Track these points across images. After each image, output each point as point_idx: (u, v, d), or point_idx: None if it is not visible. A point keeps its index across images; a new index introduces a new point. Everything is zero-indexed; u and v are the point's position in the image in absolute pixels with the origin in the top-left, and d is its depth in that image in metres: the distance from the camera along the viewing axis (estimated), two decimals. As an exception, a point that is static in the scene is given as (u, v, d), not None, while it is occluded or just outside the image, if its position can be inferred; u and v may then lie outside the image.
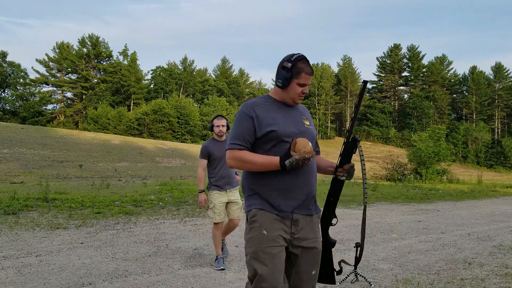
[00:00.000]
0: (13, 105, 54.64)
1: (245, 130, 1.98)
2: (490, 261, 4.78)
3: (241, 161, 1.96)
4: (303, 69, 2.00)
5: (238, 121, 2.02)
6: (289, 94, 2.04)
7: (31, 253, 4.59)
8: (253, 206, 1.98)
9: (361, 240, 2.31)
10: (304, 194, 2.00)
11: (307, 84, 2.03)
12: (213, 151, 4.26)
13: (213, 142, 4.33)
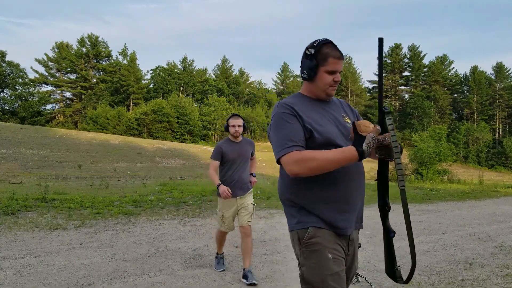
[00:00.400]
0: (12, 105, 54.61)
1: (294, 129, 1.64)
2: (491, 262, 4.76)
3: (307, 161, 1.56)
4: (330, 54, 1.70)
5: (279, 123, 1.67)
6: (319, 86, 1.74)
7: (30, 253, 4.57)
8: (310, 224, 1.65)
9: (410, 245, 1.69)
10: (357, 205, 1.72)
11: (337, 70, 1.72)
12: (227, 152, 3.96)
13: (227, 143, 4.03)
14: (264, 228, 6.55)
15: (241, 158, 3.98)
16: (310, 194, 1.67)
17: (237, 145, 4.02)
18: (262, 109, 64.49)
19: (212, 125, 56.22)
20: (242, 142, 4.06)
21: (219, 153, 3.98)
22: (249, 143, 4.15)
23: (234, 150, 3.97)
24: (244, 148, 4.03)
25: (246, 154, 4.03)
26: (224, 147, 3.99)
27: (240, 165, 3.97)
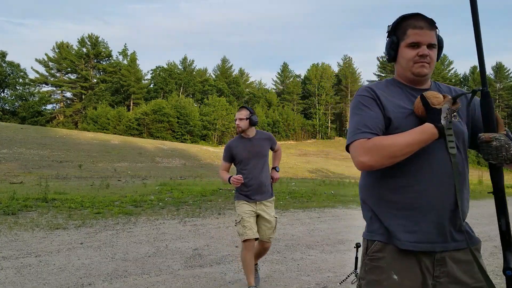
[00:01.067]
0: (12, 105, 54.64)
1: (371, 115, 1.39)
2: (491, 262, 4.77)
3: (377, 150, 1.29)
4: (409, 24, 1.42)
5: (355, 107, 1.44)
6: (402, 65, 1.45)
7: (30, 253, 4.57)
8: (376, 238, 1.40)
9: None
10: (444, 214, 1.33)
11: (421, 42, 1.39)
12: (237, 152, 3.45)
13: (237, 141, 3.51)
14: (264, 228, 6.55)
15: (255, 157, 3.41)
16: (380, 196, 1.40)
17: (248, 142, 3.44)
18: (262, 109, 64.51)
19: (212, 125, 56.25)
20: (255, 138, 3.47)
21: (228, 154, 3.49)
22: (266, 137, 3.54)
23: (245, 148, 3.42)
24: (258, 144, 3.45)
25: (261, 152, 3.44)
26: (233, 146, 3.47)
27: (256, 165, 3.41)
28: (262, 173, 3.43)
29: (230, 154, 3.49)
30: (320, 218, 7.90)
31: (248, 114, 3.41)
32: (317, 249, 5.20)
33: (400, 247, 1.34)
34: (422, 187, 1.33)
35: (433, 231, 1.33)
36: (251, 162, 3.40)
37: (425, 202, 1.33)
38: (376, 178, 1.42)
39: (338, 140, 67.94)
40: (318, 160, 41.18)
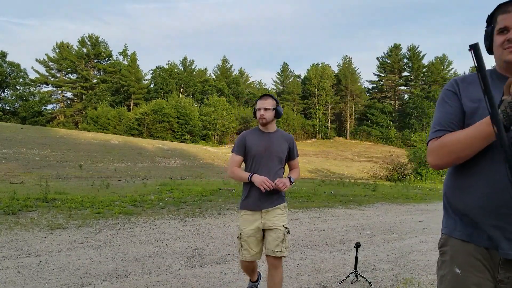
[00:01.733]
0: (13, 105, 54.62)
1: (447, 110, 1.34)
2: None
3: (438, 149, 1.29)
4: (500, 10, 1.32)
5: (437, 103, 1.41)
6: (495, 55, 1.35)
7: (31, 253, 4.58)
8: (444, 230, 1.40)
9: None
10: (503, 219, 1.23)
11: (510, 26, 1.28)
12: (252, 144, 2.90)
13: (254, 133, 2.98)
14: (264, 228, 6.56)
15: (269, 154, 2.89)
16: (454, 191, 1.36)
17: (266, 137, 2.93)
18: (262, 109, 64.43)
19: (212, 125, 56.25)
20: (275, 134, 2.97)
21: (241, 145, 2.93)
22: (286, 137, 3.00)
23: (262, 143, 2.90)
24: (277, 142, 2.93)
25: (278, 150, 2.91)
26: (249, 138, 2.94)
27: (270, 166, 2.87)
28: (273, 176, 2.84)
29: (243, 144, 2.91)
30: (320, 218, 7.90)
31: (274, 104, 2.91)
32: (317, 249, 5.20)
33: (472, 242, 1.29)
34: (483, 189, 1.25)
35: (495, 233, 1.24)
36: (265, 161, 2.86)
37: (485, 204, 1.25)
38: (448, 175, 1.42)
39: (338, 140, 67.93)
40: (318, 160, 41.18)
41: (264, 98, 2.93)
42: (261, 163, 2.86)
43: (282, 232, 2.80)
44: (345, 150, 56.47)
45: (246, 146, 2.91)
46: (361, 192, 13.67)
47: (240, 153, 2.92)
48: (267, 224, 2.82)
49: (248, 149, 2.90)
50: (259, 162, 2.87)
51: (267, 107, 2.87)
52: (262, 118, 2.87)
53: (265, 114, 2.87)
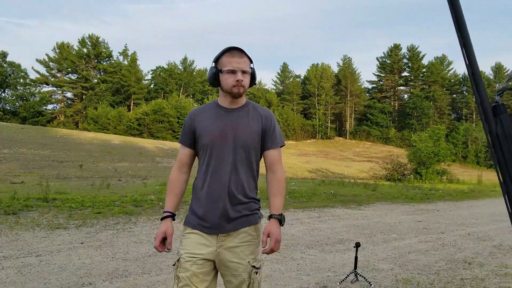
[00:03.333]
0: (13, 105, 54.64)
1: None
2: (490, 261, 4.78)
3: None
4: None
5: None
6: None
7: (31, 253, 4.59)
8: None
9: None
10: None
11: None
12: (203, 128, 1.86)
13: (209, 110, 1.92)
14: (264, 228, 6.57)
15: (230, 143, 1.82)
16: None
17: (228, 115, 1.87)
18: (262, 109, 64.47)
19: (212, 125, 56.23)
20: (244, 110, 1.89)
21: (189, 131, 1.91)
22: (261, 113, 1.91)
23: (218, 124, 1.85)
24: (243, 120, 1.87)
25: (245, 135, 1.84)
26: (199, 118, 1.90)
27: (229, 159, 1.81)
28: (238, 176, 1.81)
29: (192, 130, 1.89)
30: (320, 218, 7.91)
31: (251, 65, 1.89)
32: (317, 249, 5.21)
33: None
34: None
35: None
36: (222, 155, 1.81)
37: None
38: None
39: (338, 140, 67.93)
40: (318, 160, 41.18)
41: (238, 55, 1.82)
42: (217, 159, 1.80)
43: (247, 275, 1.76)
44: (345, 150, 56.49)
45: (195, 131, 1.87)
46: (361, 192, 13.68)
47: (188, 143, 1.90)
48: (223, 258, 1.77)
49: (198, 136, 1.86)
50: (213, 156, 1.81)
51: (245, 69, 1.81)
52: (239, 87, 1.80)
53: (245, 80, 1.82)
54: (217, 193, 1.80)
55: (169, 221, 1.91)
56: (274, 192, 1.86)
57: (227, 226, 1.80)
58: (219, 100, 1.92)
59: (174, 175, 1.94)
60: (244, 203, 1.83)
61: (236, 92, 1.82)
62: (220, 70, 1.83)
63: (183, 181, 1.95)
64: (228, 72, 1.81)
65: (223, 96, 1.89)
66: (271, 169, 1.90)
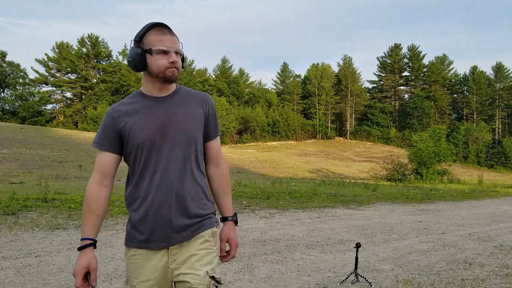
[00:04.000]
0: (12, 105, 54.65)
1: None
2: (490, 262, 4.76)
3: None
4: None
5: None
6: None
7: (30, 253, 4.57)
8: None
9: None
10: None
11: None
12: (135, 127, 1.53)
13: (136, 103, 1.58)
14: (264, 228, 6.56)
15: (173, 137, 1.54)
16: None
17: (162, 105, 1.56)
18: (262, 109, 64.50)
19: (212, 125, 56.14)
20: (178, 96, 1.61)
21: (112, 133, 1.55)
22: (198, 97, 1.64)
23: (154, 119, 1.54)
24: (181, 108, 1.58)
25: (188, 124, 1.56)
26: (123, 114, 1.56)
27: (173, 157, 1.53)
28: (187, 176, 1.54)
29: (114, 130, 1.54)
30: (320, 218, 7.89)
31: (179, 44, 1.57)
32: (317, 249, 5.19)
33: None
34: None
35: None
36: (160, 148, 1.51)
37: None
38: None
39: (338, 140, 67.92)
40: (318, 160, 41.17)
41: (169, 32, 1.54)
42: (157, 159, 1.50)
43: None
44: (345, 150, 56.48)
45: (122, 132, 1.52)
46: (361, 192, 13.66)
47: (111, 147, 1.53)
48: (178, 272, 1.52)
49: (127, 137, 1.51)
50: (152, 157, 1.50)
51: (178, 50, 1.53)
52: (173, 70, 1.51)
53: (178, 61, 1.53)
54: (162, 199, 1.49)
55: (90, 251, 1.50)
56: (224, 190, 1.69)
57: (178, 236, 1.52)
58: (144, 89, 1.58)
59: (93, 190, 1.53)
60: (197, 206, 1.56)
61: (171, 76, 1.52)
62: (148, 51, 1.51)
63: (105, 198, 1.57)
64: (159, 53, 1.50)
65: (150, 83, 1.56)
66: (216, 162, 1.68)
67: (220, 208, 1.69)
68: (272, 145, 58.91)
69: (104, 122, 1.58)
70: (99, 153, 1.56)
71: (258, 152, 42.38)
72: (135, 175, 1.56)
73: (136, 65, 1.53)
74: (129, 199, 1.59)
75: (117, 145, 1.55)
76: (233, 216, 1.69)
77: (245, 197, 10.36)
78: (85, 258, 1.48)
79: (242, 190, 11.86)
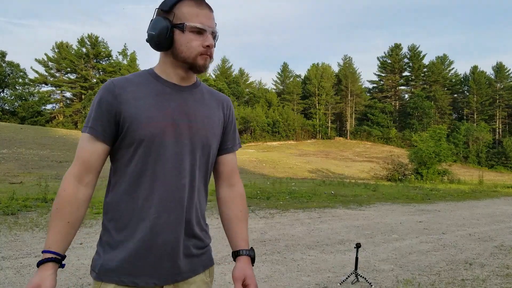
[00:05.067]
0: (12, 105, 54.64)
1: None
2: (491, 262, 4.76)
3: None
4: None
5: None
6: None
7: (30, 253, 4.56)
8: None
9: None
10: None
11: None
12: (141, 113, 1.14)
13: (146, 84, 1.19)
14: (264, 228, 6.55)
15: (185, 140, 1.18)
16: None
17: (177, 96, 1.20)
18: (262, 109, 64.51)
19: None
20: (196, 91, 1.27)
21: (108, 114, 1.14)
22: (218, 98, 1.33)
23: (166, 108, 1.17)
24: (202, 106, 1.25)
25: (206, 130, 1.23)
26: (128, 92, 1.16)
27: (183, 161, 1.17)
28: (195, 193, 1.25)
29: (113, 110, 1.14)
30: (320, 218, 7.89)
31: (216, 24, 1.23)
32: (317, 249, 5.19)
33: None
34: None
35: None
36: (166, 150, 1.16)
37: None
38: None
39: (338, 140, 67.91)
40: (318, 160, 41.17)
41: (206, 6, 1.19)
42: (161, 165, 1.15)
43: None
44: (346, 150, 56.48)
45: (122, 116, 1.14)
46: (362, 192, 13.66)
47: (105, 134, 1.15)
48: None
49: (127, 125, 1.14)
50: (154, 160, 1.15)
51: (215, 31, 1.20)
52: (206, 57, 1.18)
53: (214, 47, 1.20)
54: (165, 220, 1.13)
55: (48, 269, 1.07)
56: (240, 216, 1.34)
57: (178, 272, 1.18)
58: (160, 71, 1.23)
59: (69, 188, 1.13)
60: (198, 235, 1.25)
61: (202, 64, 1.17)
62: (179, 26, 1.14)
63: (83, 201, 1.14)
64: (193, 31, 1.14)
65: (171, 67, 1.21)
66: (230, 181, 1.35)
67: (232, 238, 1.34)
68: (272, 145, 58.90)
69: (99, 99, 1.15)
70: (85, 140, 1.15)
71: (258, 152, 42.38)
72: (126, 178, 1.15)
73: (160, 41, 1.16)
74: (113, 211, 1.15)
75: (110, 134, 1.15)
76: (250, 250, 1.34)
77: (245, 197, 10.35)
78: (38, 277, 1.06)
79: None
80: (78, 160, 1.15)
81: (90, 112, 1.17)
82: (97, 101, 1.15)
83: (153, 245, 1.13)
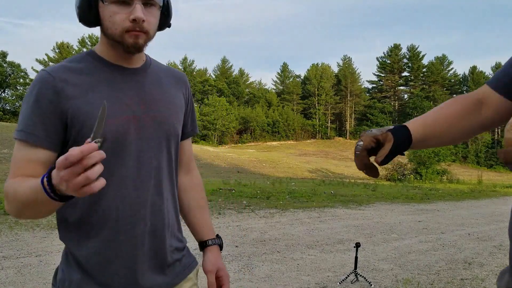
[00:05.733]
0: (13, 105, 54.61)
1: None
2: (490, 261, 4.78)
3: None
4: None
5: None
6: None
7: (31, 253, 4.58)
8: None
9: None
10: None
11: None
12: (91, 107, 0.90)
13: (93, 68, 0.96)
14: (264, 228, 6.57)
15: (148, 133, 0.99)
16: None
17: (132, 81, 1.00)
18: (262, 109, 64.53)
19: (212, 125, 56.26)
20: (150, 71, 1.07)
21: (52, 115, 0.90)
22: (176, 76, 1.15)
23: (124, 100, 0.96)
24: (159, 91, 1.04)
25: (170, 118, 1.04)
26: (72, 85, 0.91)
27: (148, 158, 0.99)
28: (164, 192, 1.05)
29: (57, 110, 0.90)
30: (320, 218, 7.90)
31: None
32: (317, 249, 5.21)
33: None
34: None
35: None
36: (129, 149, 0.96)
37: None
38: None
39: (338, 140, 67.94)
40: (318, 160, 41.19)
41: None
42: (124, 166, 0.96)
43: None
44: (345, 150, 56.50)
45: (68, 115, 0.91)
46: (361, 192, 13.68)
47: (49, 140, 0.91)
48: None
49: (81, 128, 0.91)
50: (117, 163, 0.95)
51: (153, 2, 0.94)
52: (136, 34, 0.93)
53: (148, 19, 0.94)
54: (130, 227, 0.97)
55: None
56: (202, 204, 1.23)
57: (158, 281, 1.04)
58: (102, 52, 1.00)
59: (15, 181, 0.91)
60: (175, 235, 1.15)
61: (132, 44, 0.93)
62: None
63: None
64: (116, 2, 0.91)
65: (110, 46, 0.98)
66: (188, 167, 1.21)
67: (196, 228, 1.23)
68: (272, 145, 58.93)
69: (36, 96, 0.90)
70: (23, 149, 0.93)
71: (258, 152, 42.41)
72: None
73: (83, 16, 0.94)
74: (71, 222, 1.01)
75: (56, 139, 0.92)
76: (217, 238, 1.21)
77: (245, 197, 10.37)
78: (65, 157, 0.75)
79: (242, 190, 11.87)
80: (16, 174, 0.91)
81: (25, 113, 0.91)
82: (33, 100, 0.90)
83: (115, 258, 0.99)
